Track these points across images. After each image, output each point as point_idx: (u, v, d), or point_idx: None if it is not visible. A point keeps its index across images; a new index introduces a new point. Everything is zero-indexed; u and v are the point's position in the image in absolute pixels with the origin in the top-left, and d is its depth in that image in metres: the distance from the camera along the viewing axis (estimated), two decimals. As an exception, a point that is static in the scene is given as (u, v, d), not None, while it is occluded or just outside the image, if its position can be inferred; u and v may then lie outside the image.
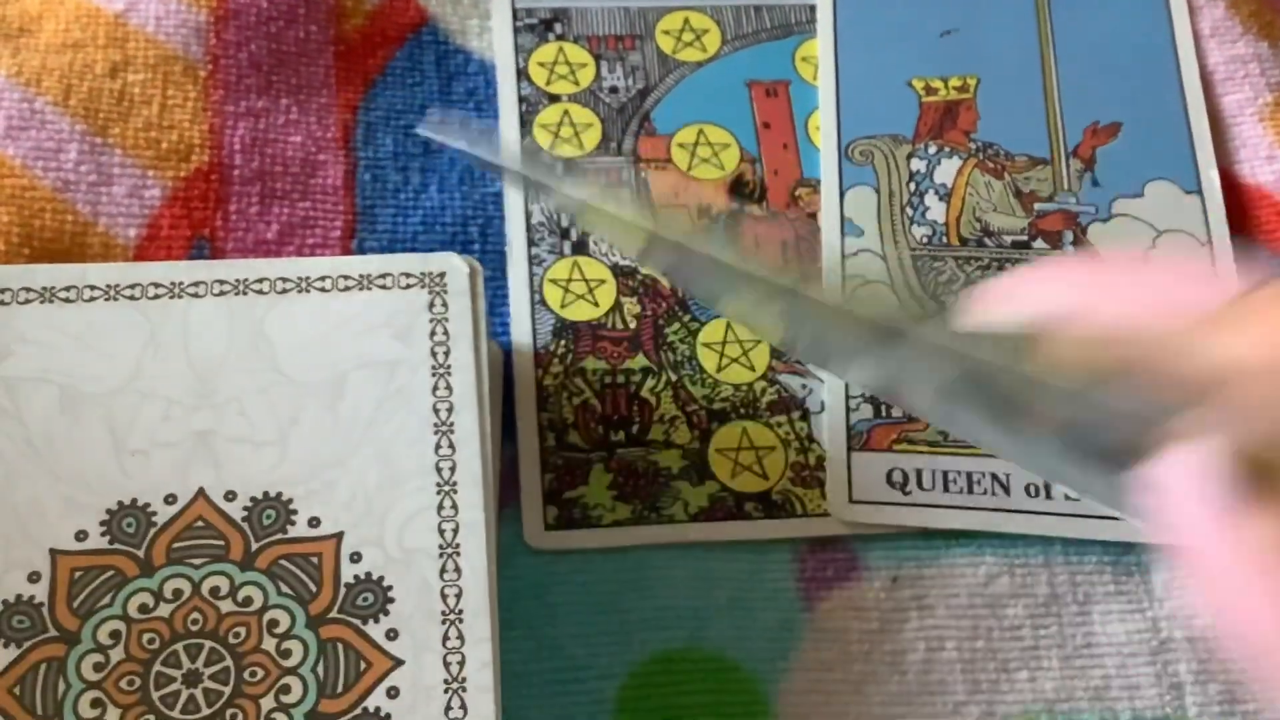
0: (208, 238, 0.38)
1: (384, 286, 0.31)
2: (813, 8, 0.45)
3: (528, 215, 0.41)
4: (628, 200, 0.27)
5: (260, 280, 0.31)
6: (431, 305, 0.31)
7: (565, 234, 0.41)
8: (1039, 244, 0.42)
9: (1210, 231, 0.42)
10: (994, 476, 0.38)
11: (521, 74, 0.43)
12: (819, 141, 0.43)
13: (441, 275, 0.32)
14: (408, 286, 0.31)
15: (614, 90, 0.44)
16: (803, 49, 0.45)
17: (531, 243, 0.41)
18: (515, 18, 0.44)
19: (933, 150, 0.43)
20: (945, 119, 0.43)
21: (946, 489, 0.38)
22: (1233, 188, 0.43)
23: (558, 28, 0.44)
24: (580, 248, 0.41)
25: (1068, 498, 0.38)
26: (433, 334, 0.31)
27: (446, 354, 0.31)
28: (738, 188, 0.42)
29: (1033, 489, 0.38)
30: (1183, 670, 0.37)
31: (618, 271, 0.40)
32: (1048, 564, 0.38)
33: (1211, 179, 0.43)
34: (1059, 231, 0.42)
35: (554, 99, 0.43)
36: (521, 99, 0.43)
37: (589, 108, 0.43)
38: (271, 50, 0.41)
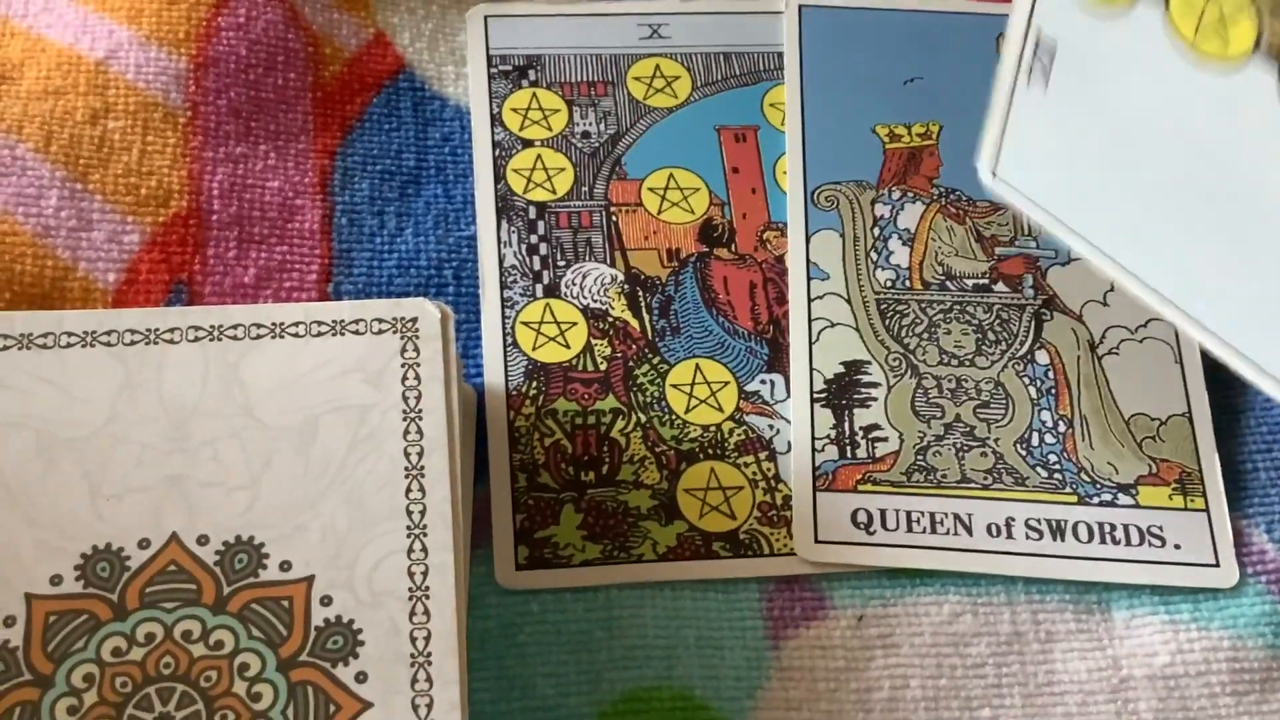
0: (186, 282, 0.38)
1: (357, 332, 0.31)
2: (781, 55, 0.46)
3: (501, 259, 0.41)
4: None
5: (235, 326, 0.31)
6: (403, 350, 0.31)
7: (538, 277, 0.41)
8: (999, 287, 0.42)
9: (1168, 275, 0.42)
10: (956, 517, 0.38)
11: (496, 120, 0.44)
12: (786, 186, 0.43)
13: (413, 321, 0.32)
14: (380, 332, 0.31)
15: (586, 135, 0.44)
16: (771, 95, 0.45)
17: (504, 286, 0.41)
18: (490, 64, 0.44)
19: (896, 196, 0.43)
20: (909, 165, 0.44)
21: (910, 529, 0.38)
22: (1190, 232, 0.44)
23: (531, 74, 0.45)
24: (552, 291, 0.41)
25: (1028, 538, 0.38)
26: (404, 378, 0.31)
27: (418, 398, 0.31)
28: (707, 231, 0.43)
29: (994, 529, 0.38)
30: (1142, 708, 0.37)
31: (588, 314, 0.41)
32: (1010, 603, 0.38)
33: (1169, 224, 0.43)
34: (1019, 275, 0.42)
35: (527, 144, 0.43)
36: (495, 144, 0.43)
37: (561, 152, 0.43)
38: (250, 97, 0.41)
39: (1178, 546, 0.38)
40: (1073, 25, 0.31)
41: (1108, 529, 0.38)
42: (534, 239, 0.42)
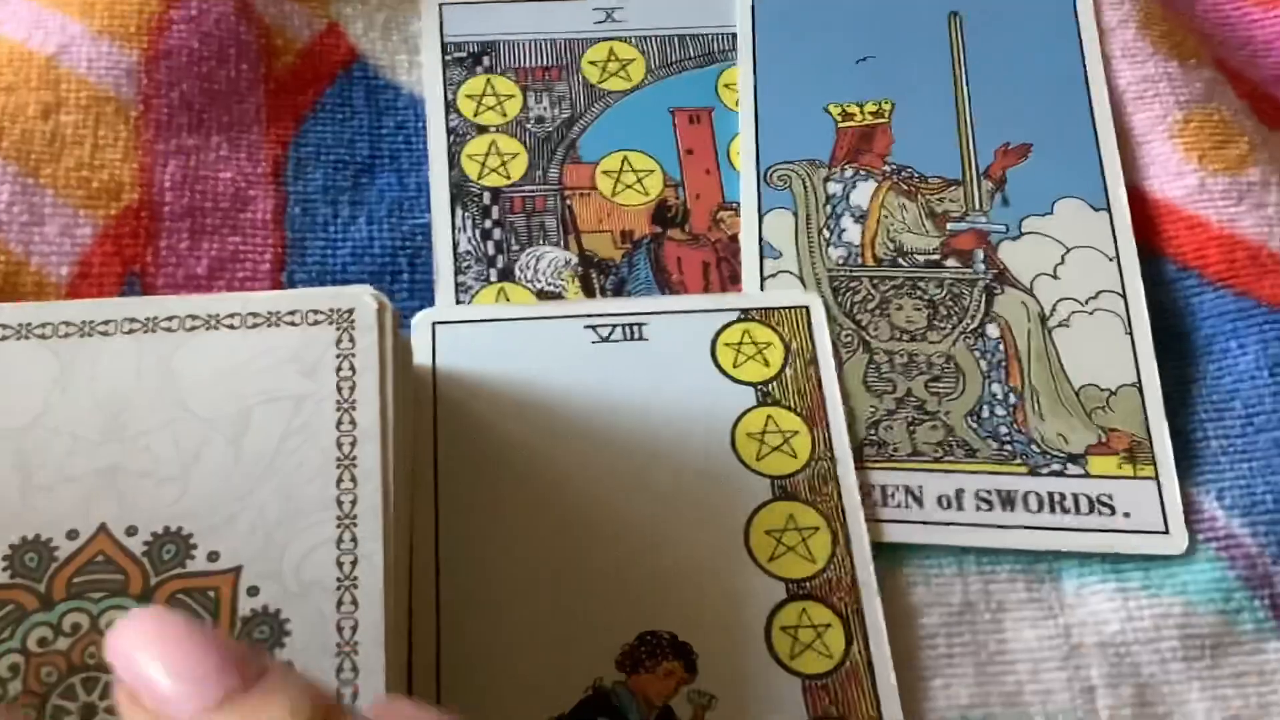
0: (139, 274, 0.38)
1: (292, 323, 0.31)
2: (735, 36, 0.45)
3: (455, 245, 0.40)
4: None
5: (170, 318, 0.30)
6: (339, 341, 0.31)
7: (492, 262, 0.40)
8: (951, 262, 0.41)
9: (1118, 247, 0.41)
10: (907, 489, 0.38)
11: (450, 106, 0.43)
12: (740, 166, 0.42)
13: (350, 312, 0.31)
14: (315, 323, 0.31)
15: (540, 120, 0.43)
16: (725, 76, 0.44)
17: (459, 271, 0.40)
18: (444, 52, 0.44)
19: (849, 174, 0.42)
20: (861, 143, 0.43)
21: (862, 502, 0.37)
22: (1143, 203, 0.43)
23: (486, 61, 0.44)
24: (506, 275, 0.40)
25: (978, 509, 0.38)
26: (339, 369, 0.30)
27: (352, 389, 0.30)
28: (661, 212, 0.42)
29: (945, 501, 0.38)
30: (1094, 674, 0.36)
31: (543, 297, 0.40)
32: (961, 574, 0.37)
33: (1119, 196, 0.42)
34: (970, 250, 0.41)
35: (482, 130, 0.43)
36: (450, 131, 0.42)
37: (516, 138, 0.43)
38: (203, 89, 0.40)
39: (1127, 515, 0.38)
40: None
41: (1057, 499, 0.38)
42: (488, 224, 0.41)
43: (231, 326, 0.30)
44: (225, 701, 0.21)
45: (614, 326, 0.39)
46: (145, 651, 0.22)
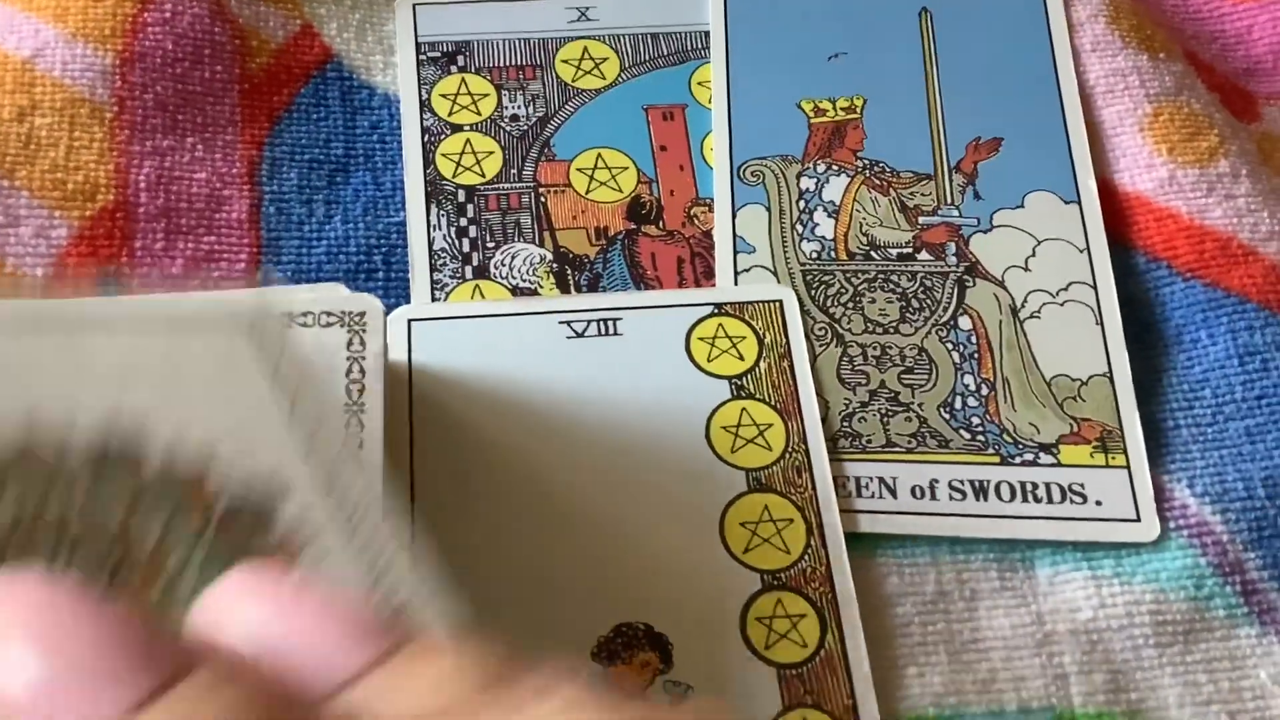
0: (114, 274, 0.38)
1: (305, 324, 0.31)
2: (708, 34, 0.45)
3: (430, 242, 0.41)
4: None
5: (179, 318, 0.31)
6: (350, 344, 0.31)
7: (467, 259, 0.41)
8: (923, 255, 0.42)
9: (1088, 239, 0.42)
10: (881, 480, 0.38)
11: (425, 106, 0.43)
12: (713, 162, 0.43)
13: (361, 315, 0.31)
14: (328, 325, 0.31)
15: (515, 119, 0.43)
16: (699, 74, 0.45)
17: (434, 269, 0.40)
18: (419, 51, 0.44)
19: (821, 169, 0.43)
20: (834, 139, 0.43)
21: (836, 494, 0.38)
22: (1114, 196, 0.43)
23: (460, 60, 0.44)
24: (481, 272, 0.40)
25: (951, 499, 0.38)
26: (349, 372, 0.31)
27: (360, 391, 0.30)
28: (635, 208, 0.42)
29: (918, 491, 0.38)
30: (1067, 661, 0.37)
31: (518, 294, 0.40)
32: (934, 563, 0.38)
33: (1090, 188, 0.43)
34: (942, 243, 0.42)
35: (456, 129, 0.43)
36: (424, 130, 0.43)
37: (490, 136, 0.43)
38: (177, 90, 0.41)
39: (1099, 503, 0.38)
40: None
41: (1030, 488, 0.38)
42: (463, 222, 0.41)
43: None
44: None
45: (589, 322, 0.39)
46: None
